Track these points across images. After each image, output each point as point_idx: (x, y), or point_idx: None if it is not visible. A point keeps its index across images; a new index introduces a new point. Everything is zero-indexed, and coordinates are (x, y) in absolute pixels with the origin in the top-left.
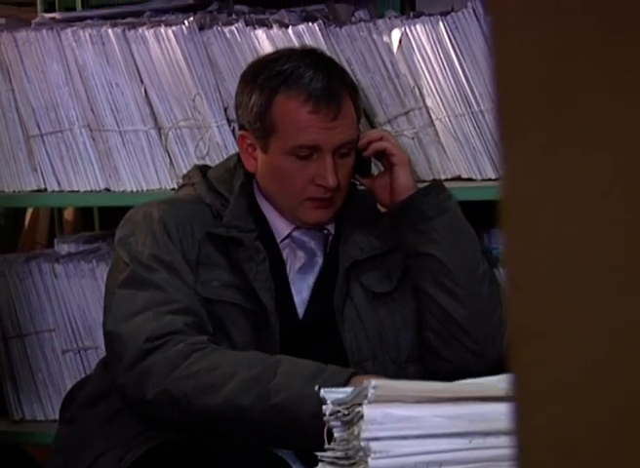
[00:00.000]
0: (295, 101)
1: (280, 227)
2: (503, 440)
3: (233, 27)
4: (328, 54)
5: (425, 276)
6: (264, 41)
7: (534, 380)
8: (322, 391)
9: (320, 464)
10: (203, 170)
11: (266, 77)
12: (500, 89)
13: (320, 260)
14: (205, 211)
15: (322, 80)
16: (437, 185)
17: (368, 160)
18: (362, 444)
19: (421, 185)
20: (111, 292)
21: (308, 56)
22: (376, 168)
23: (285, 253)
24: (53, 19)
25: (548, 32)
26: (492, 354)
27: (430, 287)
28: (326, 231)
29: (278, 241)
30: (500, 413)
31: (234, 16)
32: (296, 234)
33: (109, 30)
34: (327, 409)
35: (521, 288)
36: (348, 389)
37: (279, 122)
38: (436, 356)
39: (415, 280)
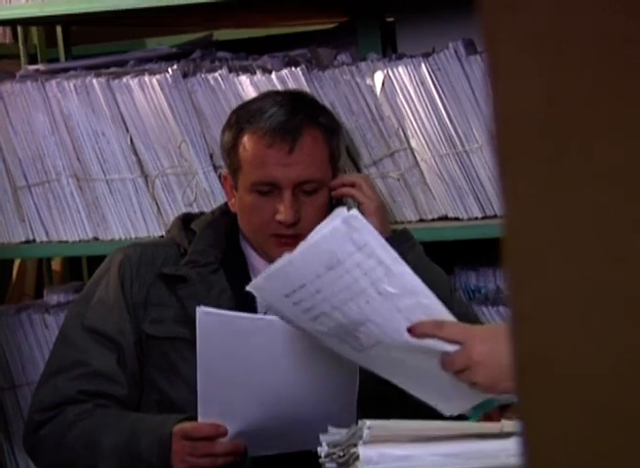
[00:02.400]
0: (254, 137)
1: (258, 264)
2: None
3: (217, 74)
4: (314, 97)
5: None
6: (248, 87)
7: (540, 409)
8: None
9: None
10: (188, 216)
11: (238, 116)
12: (500, 126)
13: None
14: (173, 251)
15: (283, 115)
16: (399, 236)
17: (340, 201)
18: None
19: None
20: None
21: (284, 95)
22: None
23: None
24: (37, 70)
25: (549, 72)
26: None
27: None
28: None
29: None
30: (496, 450)
31: (217, 62)
32: None
33: (94, 80)
34: (322, 450)
35: (525, 319)
36: (343, 430)
37: (242, 158)
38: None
39: None
